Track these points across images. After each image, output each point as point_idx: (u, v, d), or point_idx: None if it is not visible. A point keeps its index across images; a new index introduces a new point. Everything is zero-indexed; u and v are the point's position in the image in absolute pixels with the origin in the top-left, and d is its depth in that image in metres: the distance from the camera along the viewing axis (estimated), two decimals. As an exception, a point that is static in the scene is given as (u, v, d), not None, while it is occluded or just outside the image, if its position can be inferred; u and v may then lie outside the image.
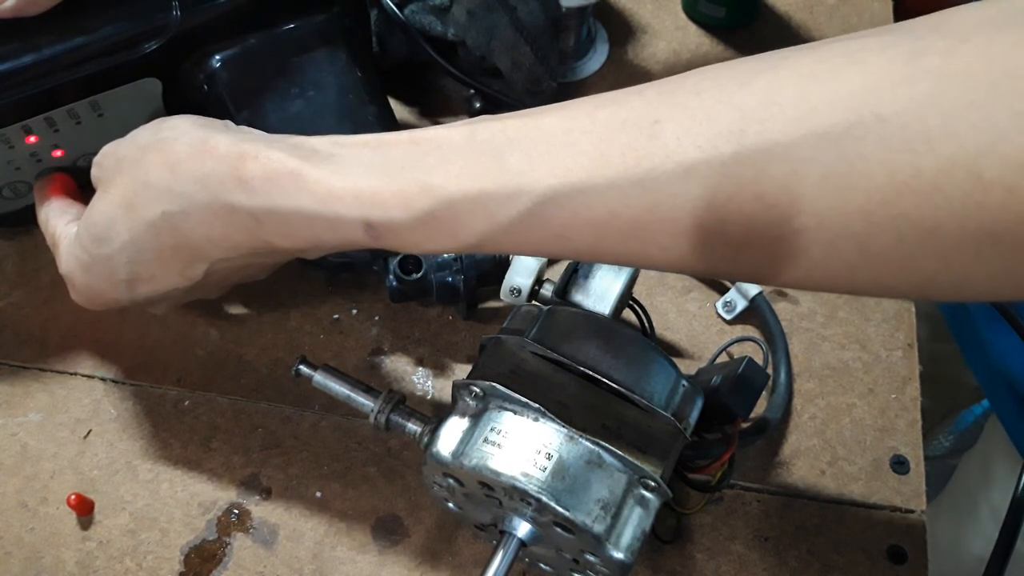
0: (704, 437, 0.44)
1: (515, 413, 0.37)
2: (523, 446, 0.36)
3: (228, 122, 0.38)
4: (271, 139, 0.35)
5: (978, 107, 0.24)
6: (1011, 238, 0.24)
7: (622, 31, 0.66)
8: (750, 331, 0.53)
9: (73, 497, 0.46)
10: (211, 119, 0.38)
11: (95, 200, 0.39)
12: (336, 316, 0.53)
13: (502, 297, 0.46)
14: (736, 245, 0.28)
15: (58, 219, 0.44)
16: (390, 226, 0.32)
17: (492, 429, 0.37)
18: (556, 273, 0.46)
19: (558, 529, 0.37)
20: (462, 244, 0.32)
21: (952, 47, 0.25)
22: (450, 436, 0.38)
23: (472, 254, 0.49)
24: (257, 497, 0.47)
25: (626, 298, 0.44)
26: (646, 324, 0.49)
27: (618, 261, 0.32)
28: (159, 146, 0.37)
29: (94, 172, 0.40)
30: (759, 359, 0.47)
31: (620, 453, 0.36)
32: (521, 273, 0.46)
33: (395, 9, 0.55)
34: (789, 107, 0.27)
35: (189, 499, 0.47)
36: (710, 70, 0.30)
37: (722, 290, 0.54)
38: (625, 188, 0.29)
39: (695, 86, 0.29)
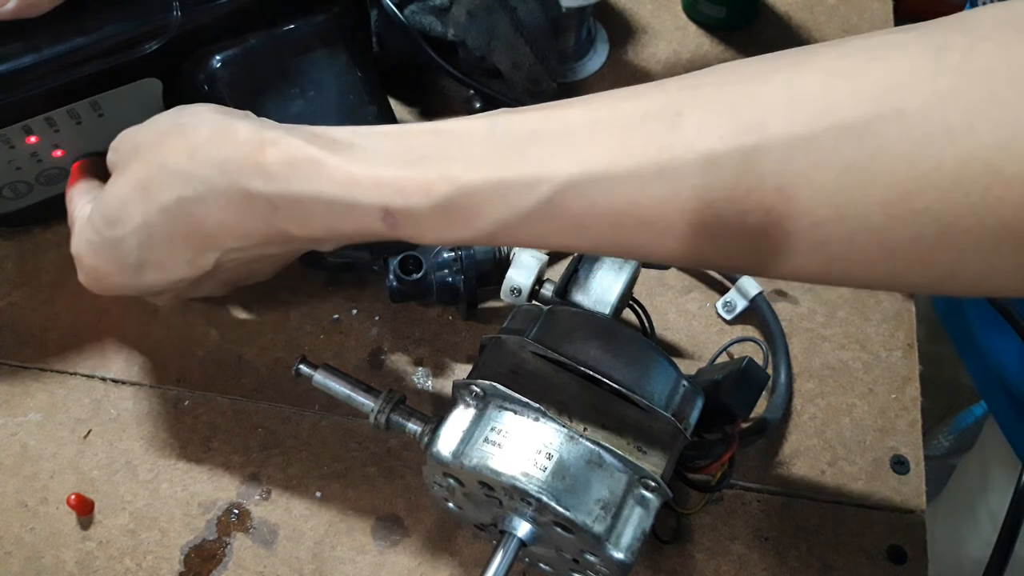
0: (704, 437, 0.44)
1: (515, 413, 0.37)
2: (523, 446, 0.36)
3: (249, 112, 0.38)
4: (291, 127, 0.36)
5: (999, 103, 0.24)
6: None
7: (622, 31, 0.66)
8: (750, 331, 0.53)
9: (73, 497, 0.46)
10: (232, 108, 0.38)
11: (110, 182, 0.39)
12: (336, 316, 0.53)
13: (502, 297, 0.46)
14: (754, 236, 0.28)
15: (79, 199, 0.44)
16: (408, 213, 0.32)
17: (492, 429, 0.37)
18: (556, 273, 0.46)
19: (558, 529, 0.37)
20: (478, 233, 0.32)
21: (973, 44, 0.25)
22: (450, 436, 0.38)
23: (472, 253, 0.49)
24: (257, 497, 0.47)
25: (626, 298, 0.44)
26: (646, 324, 0.49)
27: (634, 254, 0.31)
28: (180, 131, 0.37)
29: (110, 157, 0.40)
30: (759, 359, 0.47)
31: (620, 453, 0.36)
32: (521, 273, 0.46)
33: (395, 9, 0.55)
34: (812, 100, 0.27)
35: (189, 499, 0.47)
36: (731, 66, 0.30)
37: (722, 290, 0.54)
38: (646, 178, 0.29)
39: (717, 80, 0.29)
